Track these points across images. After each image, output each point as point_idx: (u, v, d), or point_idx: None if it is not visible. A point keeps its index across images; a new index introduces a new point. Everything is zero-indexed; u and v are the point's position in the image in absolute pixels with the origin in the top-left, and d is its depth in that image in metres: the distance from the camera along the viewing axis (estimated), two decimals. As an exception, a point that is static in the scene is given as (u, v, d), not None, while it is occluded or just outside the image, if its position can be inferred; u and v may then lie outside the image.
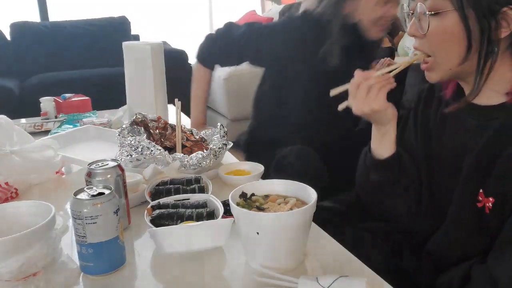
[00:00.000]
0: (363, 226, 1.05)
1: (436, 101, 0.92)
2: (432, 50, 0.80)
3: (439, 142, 0.90)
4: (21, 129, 1.20)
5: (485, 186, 0.77)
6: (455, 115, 0.85)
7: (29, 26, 3.55)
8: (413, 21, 0.81)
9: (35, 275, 0.69)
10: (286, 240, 0.73)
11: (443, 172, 0.88)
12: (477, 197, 0.78)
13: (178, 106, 1.24)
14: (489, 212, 0.76)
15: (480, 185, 0.78)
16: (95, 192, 0.72)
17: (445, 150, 0.88)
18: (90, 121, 1.62)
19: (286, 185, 0.83)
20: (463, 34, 0.76)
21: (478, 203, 0.78)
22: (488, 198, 0.76)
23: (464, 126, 0.84)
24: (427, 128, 0.92)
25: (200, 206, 0.86)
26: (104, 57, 3.51)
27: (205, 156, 1.11)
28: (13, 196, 1.06)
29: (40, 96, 1.89)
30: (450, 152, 0.86)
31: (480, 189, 0.78)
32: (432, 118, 0.92)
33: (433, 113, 0.92)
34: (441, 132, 0.89)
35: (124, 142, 1.12)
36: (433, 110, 0.92)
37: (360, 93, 0.84)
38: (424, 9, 0.77)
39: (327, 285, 0.65)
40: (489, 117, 0.80)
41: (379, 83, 0.83)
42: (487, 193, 0.77)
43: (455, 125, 0.86)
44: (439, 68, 0.81)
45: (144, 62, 1.58)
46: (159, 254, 0.80)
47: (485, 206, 0.77)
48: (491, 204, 0.76)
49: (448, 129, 0.88)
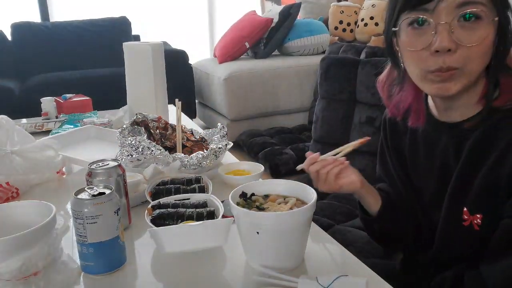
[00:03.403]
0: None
1: (402, 124, 0.91)
2: (464, 62, 0.71)
3: (415, 163, 0.90)
4: (22, 129, 1.20)
5: (469, 204, 0.77)
6: (430, 137, 0.85)
7: (30, 26, 3.56)
8: (444, 34, 0.70)
9: (35, 275, 0.69)
10: (286, 240, 0.73)
11: (426, 195, 0.88)
12: (462, 215, 0.77)
13: (178, 106, 1.24)
14: (479, 229, 0.76)
15: (463, 203, 0.77)
16: (96, 192, 0.73)
17: (424, 169, 0.88)
18: (91, 121, 1.62)
19: (286, 185, 0.83)
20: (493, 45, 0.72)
21: (464, 222, 0.77)
22: (474, 215, 0.76)
23: (440, 144, 0.83)
24: (400, 152, 0.93)
25: (200, 206, 0.86)
26: (104, 57, 3.52)
27: (205, 156, 1.12)
28: (14, 196, 1.06)
29: (41, 96, 1.89)
30: (430, 173, 0.86)
31: (463, 207, 0.77)
32: (401, 141, 0.92)
33: (402, 137, 0.92)
34: (416, 153, 0.89)
35: (124, 142, 1.12)
36: (400, 134, 0.92)
37: (321, 179, 0.86)
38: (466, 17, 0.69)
39: (327, 285, 0.65)
40: (463, 133, 0.78)
41: (336, 167, 0.85)
42: (472, 210, 0.76)
43: (429, 146, 0.86)
44: (464, 80, 0.73)
45: (144, 62, 1.58)
46: (159, 254, 0.80)
47: (472, 224, 0.76)
48: (479, 221, 0.75)
49: (423, 152, 0.87)
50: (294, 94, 3.27)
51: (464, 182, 0.78)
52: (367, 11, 3.64)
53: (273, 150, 2.73)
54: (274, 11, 3.50)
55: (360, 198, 0.91)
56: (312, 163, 0.87)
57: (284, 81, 3.23)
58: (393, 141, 0.94)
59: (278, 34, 3.39)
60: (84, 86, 2.93)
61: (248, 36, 3.33)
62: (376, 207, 0.90)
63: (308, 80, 3.25)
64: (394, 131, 0.94)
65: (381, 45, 3.40)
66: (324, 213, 1.65)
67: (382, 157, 0.98)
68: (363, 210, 0.93)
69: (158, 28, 4.44)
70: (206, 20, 4.79)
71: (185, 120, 1.67)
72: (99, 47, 3.60)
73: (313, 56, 3.44)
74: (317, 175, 0.86)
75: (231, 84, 3.10)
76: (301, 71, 3.25)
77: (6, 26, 3.51)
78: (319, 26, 3.55)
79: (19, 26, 3.52)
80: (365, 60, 2.03)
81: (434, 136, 0.84)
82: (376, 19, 3.58)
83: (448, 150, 0.81)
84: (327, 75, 2.08)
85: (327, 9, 3.89)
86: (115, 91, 2.18)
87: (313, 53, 3.51)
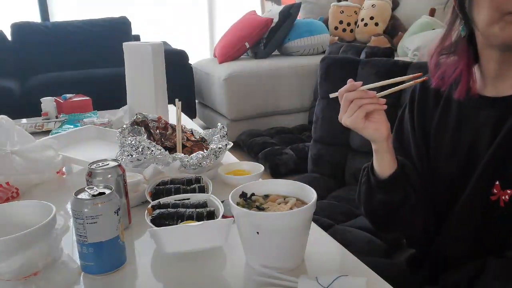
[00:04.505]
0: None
1: (433, 99, 0.90)
2: None
3: (440, 139, 0.88)
4: (22, 129, 1.20)
5: (502, 178, 0.76)
6: (465, 112, 0.84)
7: (30, 26, 3.55)
8: None
9: (35, 275, 0.70)
10: (286, 240, 0.73)
11: (445, 170, 0.86)
12: (492, 189, 0.76)
13: (178, 106, 1.24)
14: (504, 206, 0.75)
15: (496, 178, 0.76)
16: (96, 192, 0.73)
17: (447, 149, 0.86)
18: (91, 121, 1.62)
19: (286, 185, 0.83)
20: None
21: (492, 196, 0.76)
22: (505, 191, 0.75)
23: (477, 120, 0.82)
24: (425, 127, 0.91)
25: (200, 206, 0.86)
26: (104, 57, 3.52)
27: (205, 156, 1.12)
28: (14, 196, 1.06)
29: (41, 96, 1.89)
30: (457, 149, 0.84)
31: (496, 181, 0.76)
32: (429, 116, 0.90)
33: (431, 111, 0.90)
34: (442, 132, 0.88)
35: (124, 142, 1.12)
36: (430, 108, 0.90)
37: (350, 110, 0.79)
38: None
39: (327, 285, 0.65)
40: (510, 107, 0.77)
41: (372, 104, 0.78)
42: (504, 185, 0.75)
43: (461, 121, 0.84)
44: None
45: (144, 62, 1.58)
46: (159, 254, 0.80)
47: (500, 199, 0.75)
48: (507, 197, 0.74)
49: (452, 127, 0.86)
50: (294, 94, 3.27)
51: (501, 155, 0.76)
52: (367, 11, 3.64)
53: (273, 150, 2.73)
54: (274, 11, 3.50)
55: (377, 153, 0.83)
56: (351, 91, 0.79)
57: (284, 81, 3.23)
58: (420, 117, 0.92)
59: (278, 34, 3.39)
60: (84, 86, 2.93)
61: (248, 36, 3.33)
62: (389, 170, 0.83)
63: (308, 80, 3.25)
64: (422, 106, 0.91)
65: (381, 45, 3.41)
66: (324, 213, 1.65)
67: (399, 133, 0.95)
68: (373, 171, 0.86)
69: (158, 28, 4.44)
70: (206, 20, 4.79)
71: (185, 120, 1.67)
72: (99, 47, 3.60)
73: (313, 56, 3.44)
74: (348, 104, 0.78)
75: (231, 84, 3.10)
76: (301, 71, 3.25)
77: (6, 26, 3.51)
78: (319, 26, 3.56)
79: (19, 26, 3.52)
80: (365, 60, 2.03)
81: (471, 111, 0.83)
82: (376, 19, 3.59)
83: (485, 126, 0.80)
84: (327, 75, 2.08)
85: (327, 9, 3.90)
86: (115, 91, 2.18)
87: (313, 53, 3.51)
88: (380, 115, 0.80)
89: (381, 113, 0.80)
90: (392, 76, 0.82)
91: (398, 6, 3.77)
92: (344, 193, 1.89)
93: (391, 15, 3.62)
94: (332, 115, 2.03)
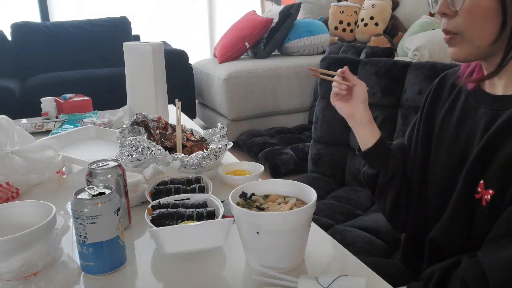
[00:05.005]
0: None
1: (448, 90, 0.91)
2: (463, 27, 0.74)
3: (445, 128, 0.88)
4: (22, 129, 1.20)
5: (487, 177, 0.76)
6: (469, 106, 0.84)
7: (30, 26, 3.55)
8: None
9: (35, 275, 0.70)
10: (286, 240, 0.73)
11: (444, 163, 0.87)
12: (477, 187, 0.77)
13: (178, 106, 1.24)
14: (486, 205, 0.75)
15: (481, 176, 0.76)
16: (96, 192, 0.73)
17: (449, 139, 0.87)
18: (91, 121, 1.62)
19: (286, 185, 0.83)
20: (498, 10, 0.71)
21: (476, 194, 0.77)
22: (487, 190, 0.75)
23: (476, 115, 0.82)
24: (434, 113, 0.92)
25: (200, 206, 0.86)
26: (104, 57, 3.52)
27: (205, 156, 1.12)
28: (14, 196, 1.06)
29: (41, 96, 1.89)
30: (456, 141, 0.85)
31: (481, 179, 0.76)
32: (438, 109, 0.91)
33: (441, 105, 0.91)
34: (447, 122, 0.88)
35: (124, 142, 1.12)
36: (441, 102, 0.91)
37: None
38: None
39: (327, 285, 0.65)
40: (502, 106, 0.77)
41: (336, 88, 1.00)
42: (487, 184, 0.75)
43: (464, 114, 0.85)
44: (467, 46, 0.76)
45: (144, 62, 1.58)
46: (159, 254, 0.80)
47: (483, 198, 0.75)
48: (489, 197, 0.74)
49: (456, 118, 0.86)
50: (294, 94, 3.27)
51: (488, 154, 0.76)
52: (367, 11, 3.64)
53: (273, 150, 2.73)
54: (274, 11, 3.50)
55: (353, 129, 0.99)
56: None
57: (284, 81, 3.23)
58: (430, 108, 0.93)
59: (278, 34, 3.39)
60: (84, 86, 2.93)
61: (248, 36, 3.33)
62: (368, 144, 0.96)
63: (308, 80, 3.25)
64: (435, 98, 0.93)
65: (381, 45, 3.41)
66: (324, 213, 1.65)
67: (413, 126, 0.98)
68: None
69: (158, 28, 4.45)
70: (206, 20, 4.79)
71: (185, 120, 1.67)
72: (99, 47, 3.60)
73: (313, 56, 3.44)
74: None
75: (231, 84, 3.10)
76: (301, 71, 3.25)
77: (6, 26, 3.51)
78: (319, 26, 3.56)
79: (19, 26, 3.52)
80: (365, 60, 2.03)
81: (474, 105, 0.83)
82: (376, 19, 3.59)
83: (481, 121, 0.80)
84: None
85: (327, 9, 3.90)
86: (115, 91, 2.18)
87: (313, 53, 3.51)
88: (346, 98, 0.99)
89: (347, 96, 0.99)
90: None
91: (398, 6, 3.77)
92: (344, 193, 1.89)
93: (391, 15, 3.63)
94: (332, 115, 2.03)
